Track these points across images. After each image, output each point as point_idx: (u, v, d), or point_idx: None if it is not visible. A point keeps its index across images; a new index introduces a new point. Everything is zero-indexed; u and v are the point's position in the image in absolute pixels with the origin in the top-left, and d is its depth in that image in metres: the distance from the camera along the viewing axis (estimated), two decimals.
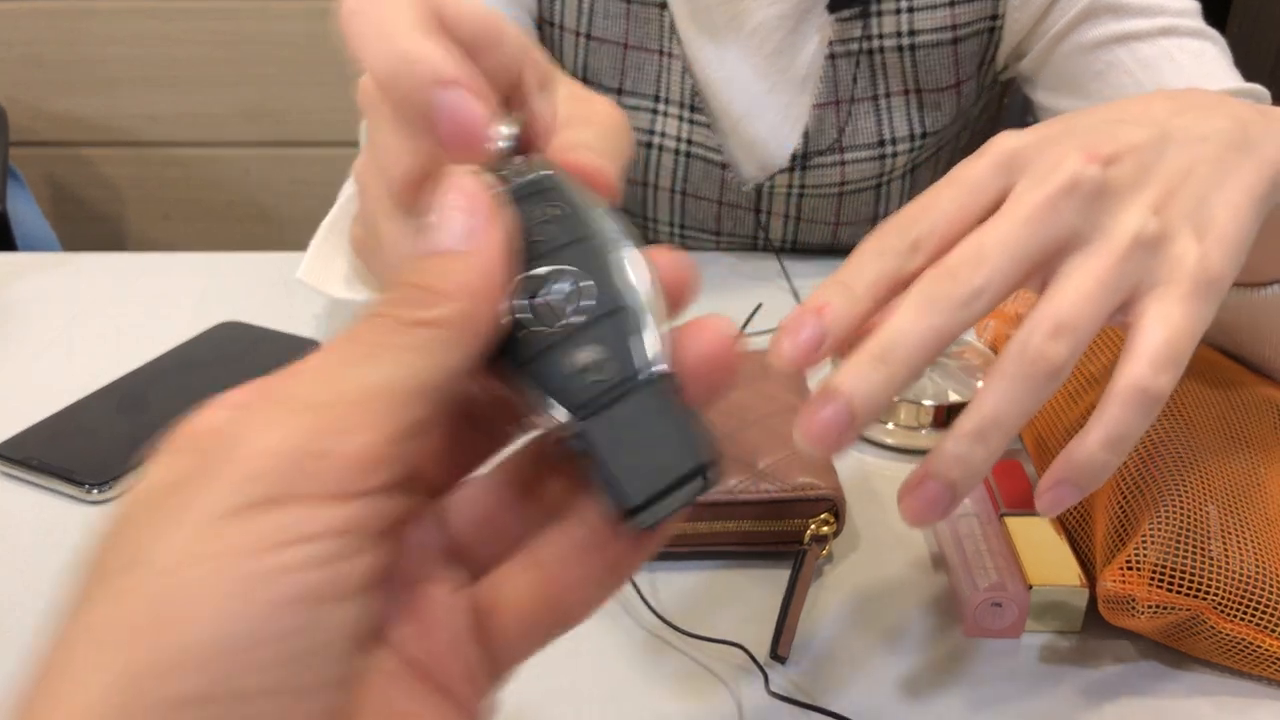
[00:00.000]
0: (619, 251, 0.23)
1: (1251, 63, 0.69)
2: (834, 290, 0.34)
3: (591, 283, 0.23)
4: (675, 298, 0.24)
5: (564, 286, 0.23)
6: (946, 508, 0.32)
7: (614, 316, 0.23)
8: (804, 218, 0.80)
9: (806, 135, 0.75)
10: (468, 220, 0.22)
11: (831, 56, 0.73)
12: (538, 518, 0.24)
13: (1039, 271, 0.35)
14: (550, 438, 0.23)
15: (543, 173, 0.25)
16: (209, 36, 1.54)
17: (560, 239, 0.24)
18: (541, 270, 0.23)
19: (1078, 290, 0.33)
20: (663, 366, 0.22)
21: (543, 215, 0.24)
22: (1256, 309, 0.49)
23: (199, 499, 0.19)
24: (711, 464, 0.22)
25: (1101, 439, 0.33)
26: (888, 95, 0.74)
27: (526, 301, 0.23)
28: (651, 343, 0.22)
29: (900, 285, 0.34)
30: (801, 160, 0.76)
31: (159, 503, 0.19)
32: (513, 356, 0.23)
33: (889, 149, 0.75)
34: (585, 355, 0.22)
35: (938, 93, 0.74)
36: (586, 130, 0.27)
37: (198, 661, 0.17)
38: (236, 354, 0.67)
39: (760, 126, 0.76)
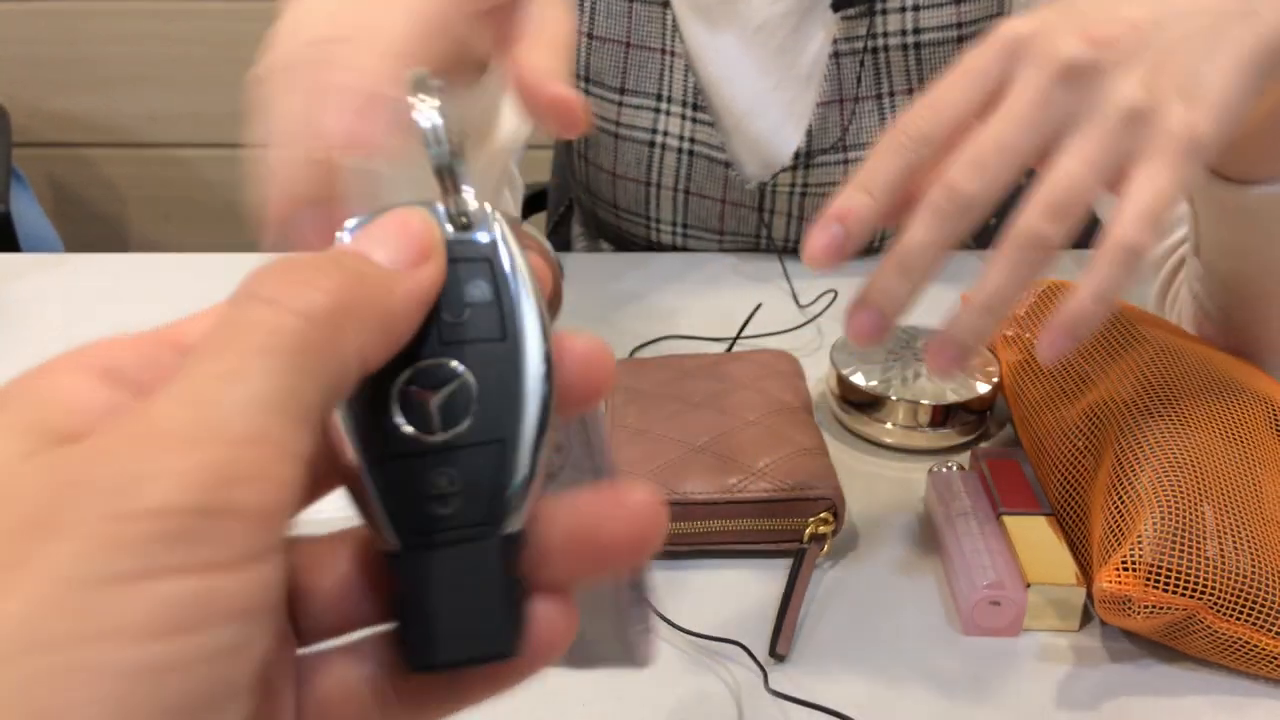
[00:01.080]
0: (526, 369, 0.19)
1: None
2: (855, 195, 0.39)
3: (480, 399, 0.19)
4: (585, 394, 0.21)
5: (449, 389, 0.19)
6: (965, 362, 0.40)
7: (487, 449, 0.19)
8: (807, 217, 0.80)
9: (810, 133, 0.75)
10: (397, 240, 0.19)
11: (836, 55, 0.73)
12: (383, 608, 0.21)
13: (1041, 160, 0.39)
14: (372, 540, 0.20)
15: (487, 237, 0.20)
16: (209, 36, 1.54)
17: (470, 329, 0.19)
18: (432, 361, 0.19)
19: (1069, 174, 0.38)
20: (515, 528, 0.19)
21: (463, 292, 0.20)
22: (1269, 209, 0.49)
23: (44, 554, 0.14)
24: (515, 650, 0.19)
25: (1091, 292, 0.38)
26: (892, 94, 0.74)
27: (402, 388, 0.19)
28: (516, 496, 0.19)
29: (917, 177, 0.39)
30: (805, 159, 0.76)
31: None
32: (363, 444, 0.19)
33: None
34: (439, 480, 0.19)
35: None
36: (540, 48, 0.33)
37: None
38: None
39: (763, 124, 0.76)
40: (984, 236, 0.80)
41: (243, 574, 0.15)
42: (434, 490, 0.19)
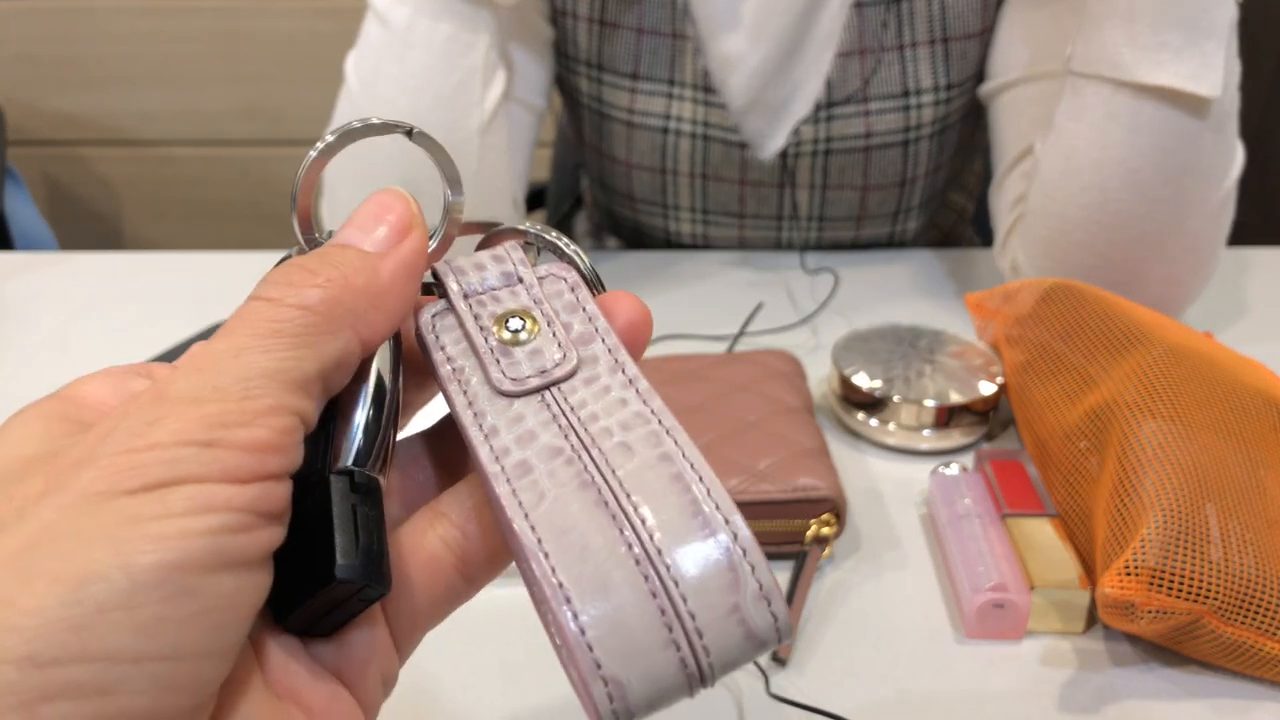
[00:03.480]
0: (373, 358, 0.23)
1: (1252, 63, 0.69)
2: None
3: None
4: (633, 341, 0.24)
5: None
6: None
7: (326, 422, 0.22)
8: (830, 184, 0.79)
9: (829, 84, 0.74)
10: (377, 224, 0.23)
11: (859, 5, 0.72)
12: (436, 485, 0.25)
13: None
14: None
15: None
16: (205, 35, 1.54)
17: None
18: None
19: None
20: (344, 463, 0.21)
21: None
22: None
23: (78, 478, 0.18)
24: (356, 577, 0.20)
25: None
26: (913, 45, 0.74)
27: None
28: (343, 439, 0.21)
29: None
30: (826, 109, 0.75)
31: (27, 473, 0.19)
32: None
33: (913, 100, 0.75)
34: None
35: (964, 40, 0.74)
36: None
37: (64, 621, 0.17)
38: None
39: (784, 90, 0.76)
40: (987, 235, 0.80)
41: (233, 488, 0.18)
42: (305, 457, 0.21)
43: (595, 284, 0.25)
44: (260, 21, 1.53)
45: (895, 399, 0.57)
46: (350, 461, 0.21)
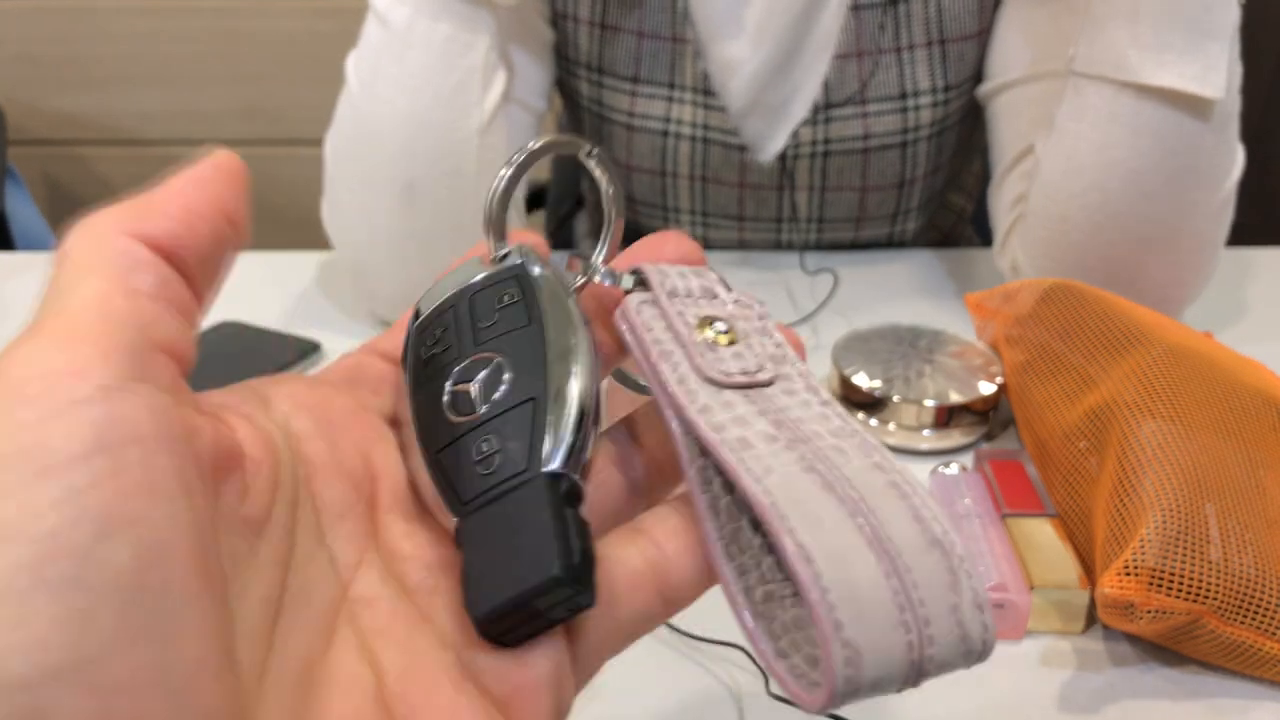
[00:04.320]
0: (549, 340, 0.22)
1: (1252, 63, 0.69)
2: None
3: (511, 372, 0.22)
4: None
5: (483, 374, 0.22)
6: None
7: (521, 408, 0.21)
8: (829, 185, 0.79)
9: (827, 86, 0.74)
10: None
11: (856, 8, 0.72)
12: (619, 505, 0.23)
13: None
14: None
15: (518, 259, 0.24)
16: (206, 34, 1.54)
17: (501, 325, 0.23)
18: (469, 359, 0.22)
19: None
20: (553, 466, 0.20)
21: (496, 301, 0.23)
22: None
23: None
24: (571, 581, 0.19)
25: None
26: (911, 47, 0.74)
27: (451, 387, 0.22)
28: (549, 439, 0.21)
29: None
30: (824, 110, 0.75)
31: None
32: (426, 444, 0.21)
33: (910, 102, 0.75)
34: (481, 447, 0.21)
35: (961, 42, 0.74)
36: None
37: None
38: (235, 353, 0.67)
39: (783, 92, 0.76)
40: (986, 235, 0.80)
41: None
42: (478, 456, 0.21)
43: None
44: (260, 21, 1.53)
45: (895, 399, 0.57)
46: (558, 465, 0.20)
